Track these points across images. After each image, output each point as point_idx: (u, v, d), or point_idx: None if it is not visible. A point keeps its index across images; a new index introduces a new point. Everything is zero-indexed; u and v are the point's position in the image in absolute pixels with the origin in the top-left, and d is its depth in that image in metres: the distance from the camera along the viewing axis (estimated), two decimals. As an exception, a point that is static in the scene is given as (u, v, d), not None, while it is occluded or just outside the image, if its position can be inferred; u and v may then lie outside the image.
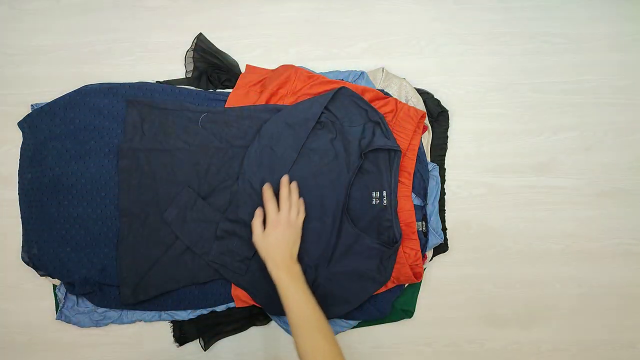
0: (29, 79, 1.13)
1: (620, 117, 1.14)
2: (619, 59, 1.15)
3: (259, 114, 1.04)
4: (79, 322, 1.05)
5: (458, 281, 1.13)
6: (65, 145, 1.03)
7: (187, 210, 1.02)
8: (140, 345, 1.11)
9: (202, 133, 1.04)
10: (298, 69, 1.07)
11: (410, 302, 1.11)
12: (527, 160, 1.14)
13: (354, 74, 1.09)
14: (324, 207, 1.03)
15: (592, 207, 1.14)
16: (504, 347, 1.13)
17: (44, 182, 1.02)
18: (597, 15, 1.15)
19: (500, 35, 1.15)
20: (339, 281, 1.02)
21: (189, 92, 1.07)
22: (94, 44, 1.14)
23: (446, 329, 1.13)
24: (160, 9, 1.15)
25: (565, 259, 1.13)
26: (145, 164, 1.03)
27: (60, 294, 1.06)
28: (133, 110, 1.04)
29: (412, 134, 1.04)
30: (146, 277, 1.03)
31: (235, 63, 1.13)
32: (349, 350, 1.12)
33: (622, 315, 1.13)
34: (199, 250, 1.02)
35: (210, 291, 1.06)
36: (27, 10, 1.14)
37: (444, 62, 1.15)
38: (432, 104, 1.11)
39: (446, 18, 1.15)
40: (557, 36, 1.15)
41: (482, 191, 1.14)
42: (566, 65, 1.15)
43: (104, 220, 1.03)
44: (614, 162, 1.14)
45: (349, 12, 1.15)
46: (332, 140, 1.03)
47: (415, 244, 1.03)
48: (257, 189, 1.01)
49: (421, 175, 1.06)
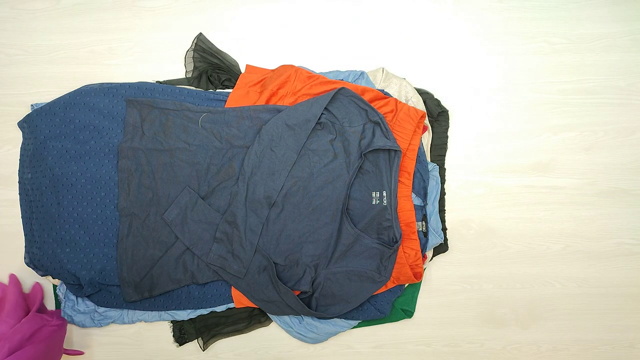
0: (29, 79, 1.13)
1: (620, 117, 1.14)
2: (618, 59, 1.15)
3: (259, 114, 1.04)
4: (80, 322, 1.05)
5: (458, 281, 1.13)
6: (65, 145, 1.03)
7: (188, 210, 1.02)
8: (140, 345, 1.11)
9: (202, 133, 1.04)
10: (298, 69, 1.07)
11: (410, 302, 1.11)
12: (527, 160, 1.14)
13: (354, 74, 1.09)
14: (323, 208, 1.03)
15: (592, 207, 1.14)
16: (503, 347, 1.13)
17: (44, 182, 1.02)
18: (597, 15, 1.15)
19: (500, 35, 1.15)
20: (339, 281, 1.02)
21: (189, 92, 1.07)
22: (94, 44, 1.14)
23: (446, 329, 1.13)
24: (160, 9, 1.15)
25: (565, 259, 1.13)
26: (145, 164, 1.03)
27: (60, 294, 1.06)
28: (133, 110, 1.04)
29: (412, 134, 1.04)
30: (146, 277, 1.03)
31: (235, 63, 1.13)
32: (349, 351, 1.12)
33: (622, 315, 1.13)
34: (199, 251, 1.02)
35: (210, 291, 1.06)
36: (27, 10, 1.14)
37: (444, 62, 1.15)
38: (432, 104, 1.11)
39: (446, 18, 1.15)
40: (557, 36, 1.15)
41: (482, 191, 1.14)
42: (566, 65, 1.15)
43: (103, 220, 1.03)
44: (614, 162, 1.14)
45: (349, 12, 1.15)
46: (332, 141, 1.03)
47: (415, 244, 1.03)
48: (255, 194, 1.01)
49: (421, 175, 1.06)
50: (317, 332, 1.06)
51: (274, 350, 1.12)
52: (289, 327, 1.08)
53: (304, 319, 1.07)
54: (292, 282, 1.03)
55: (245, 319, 1.09)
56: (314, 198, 1.03)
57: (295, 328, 1.07)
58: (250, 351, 1.11)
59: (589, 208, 1.14)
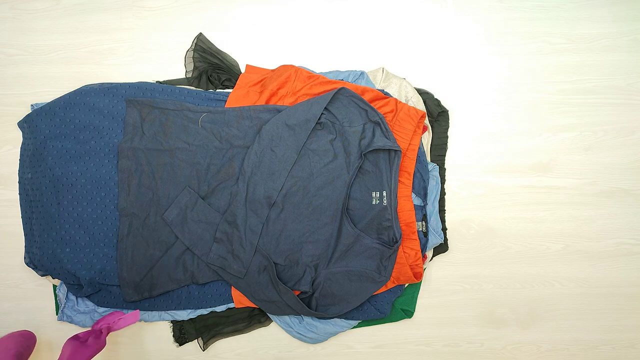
0: (29, 79, 1.13)
1: (620, 117, 1.14)
2: (618, 59, 1.15)
3: (259, 114, 1.04)
4: (80, 322, 1.05)
5: (458, 281, 1.13)
6: (65, 145, 1.03)
7: (188, 210, 1.02)
8: (141, 345, 1.11)
9: (202, 133, 1.04)
10: (298, 69, 1.07)
11: (410, 302, 1.11)
12: (527, 160, 1.14)
13: (354, 74, 1.09)
14: (323, 208, 1.03)
15: (592, 207, 1.14)
16: (503, 347, 1.13)
17: (44, 182, 1.02)
18: (597, 15, 1.15)
19: (501, 35, 1.15)
20: (339, 281, 1.02)
21: (189, 92, 1.07)
22: (94, 44, 1.14)
23: (446, 329, 1.13)
24: (160, 9, 1.15)
25: (565, 259, 1.13)
26: (145, 164, 1.03)
27: (60, 294, 1.06)
28: (133, 110, 1.04)
29: (412, 134, 1.04)
30: (146, 277, 1.03)
31: (235, 63, 1.13)
32: (349, 351, 1.12)
33: (622, 315, 1.13)
34: (199, 251, 1.02)
35: (210, 291, 1.06)
36: (27, 10, 1.14)
37: (444, 62, 1.15)
38: (432, 104, 1.11)
39: (446, 18, 1.15)
40: (557, 36, 1.15)
41: (482, 191, 1.14)
42: (566, 65, 1.15)
43: (103, 220, 1.03)
44: (614, 162, 1.14)
45: (349, 12, 1.15)
46: (332, 141, 1.03)
47: (415, 244, 1.03)
48: (255, 194, 1.01)
49: (421, 175, 1.06)
50: (317, 332, 1.06)
51: (273, 350, 1.12)
52: (289, 327, 1.08)
53: (304, 319, 1.07)
54: (292, 282, 1.03)
55: (245, 319, 1.09)
56: (314, 198, 1.03)
57: (295, 328, 1.07)
58: (250, 351, 1.11)
59: (589, 208, 1.14)
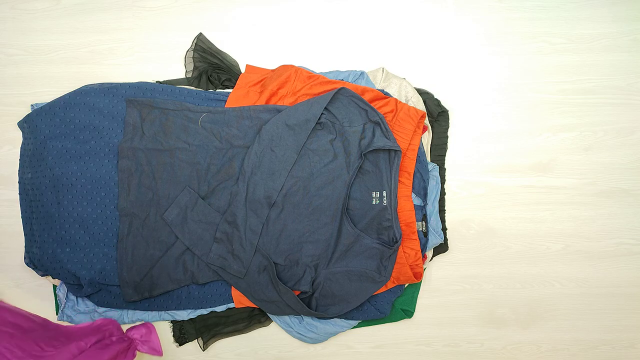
0: (29, 79, 1.13)
1: (620, 117, 1.14)
2: (618, 59, 1.15)
3: (259, 114, 1.04)
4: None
5: (458, 281, 1.13)
6: (65, 145, 1.03)
7: (188, 210, 1.02)
8: (140, 345, 1.11)
9: (202, 133, 1.04)
10: (298, 69, 1.07)
11: (410, 302, 1.10)
12: (527, 160, 1.14)
13: (354, 74, 1.09)
14: (323, 208, 1.03)
15: (592, 207, 1.14)
16: (503, 347, 1.13)
17: (44, 182, 1.02)
18: (597, 15, 1.15)
19: (501, 35, 1.15)
20: (339, 281, 1.02)
21: (189, 92, 1.07)
22: (94, 44, 1.14)
23: (446, 329, 1.13)
24: (160, 9, 1.15)
25: (565, 259, 1.13)
26: (145, 164, 1.03)
27: (60, 294, 1.06)
28: (133, 110, 1.04)
29: (412, 134, 1.04)
30: (146, 277, 1.03)
31: (235, 63, 1.13)
32: (349, 351, 1.12)
33: (622, 315, 1.13)
34: (199, 251, 1.02)
35: (210, 291, 1.06)
36: (27, 10, 1.14)
37: (444, 62, 1.15)
38: (432, 104, 1.11)
39: (446, 18, 1.15)
40: (557, 36, 1.15)
41: (482, 191, 1.14)
42: (566, 65, 1.15)
43: (103, 220, 1.03)
44: (613, 162, 1.14)
45: (349, 12, 1.15)
46: (332, 141, 1.03)
47: (415, 244, 1.03)
48: (255, 194, 1.01)
49: (421, 175, 1.06)
50: (317, 332, 1.06)
51: (273, 350, 1.12)
52: (289, 327, 1.08)
53: (304, 319, 1.07)
54: (292, 282, 1.03)
55: (245, 319, 1.09)
56: (314, 198, 1.03)
57: (295, 328, 1.07)
58: (250, 351, 1.11)
59: (589, 208, 1.14)
